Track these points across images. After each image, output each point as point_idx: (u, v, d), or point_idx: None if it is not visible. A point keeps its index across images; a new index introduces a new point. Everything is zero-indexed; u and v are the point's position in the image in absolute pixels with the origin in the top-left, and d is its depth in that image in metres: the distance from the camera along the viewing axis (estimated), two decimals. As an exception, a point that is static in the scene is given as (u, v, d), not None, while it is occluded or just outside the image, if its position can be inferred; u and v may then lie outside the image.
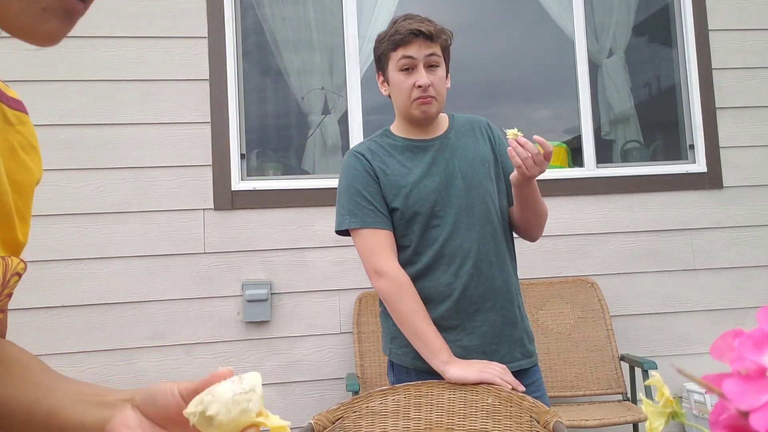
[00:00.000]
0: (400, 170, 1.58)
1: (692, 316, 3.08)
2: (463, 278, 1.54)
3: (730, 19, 3.23)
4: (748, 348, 0.36)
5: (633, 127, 3.38)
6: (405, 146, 1.62)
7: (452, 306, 1.55)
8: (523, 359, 1.60)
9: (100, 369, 2.70)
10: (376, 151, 1.61)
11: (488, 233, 1.58)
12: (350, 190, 1.58)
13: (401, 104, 1.59)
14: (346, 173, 1.61)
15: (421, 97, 1.54)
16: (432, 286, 1.56)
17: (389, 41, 1.55)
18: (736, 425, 0.35)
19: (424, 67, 1.54)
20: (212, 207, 2.83)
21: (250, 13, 3.09)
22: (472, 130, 1.66)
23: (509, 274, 1.62)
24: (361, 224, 1.56)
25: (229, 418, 0.53)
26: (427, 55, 1.54)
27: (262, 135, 3.11)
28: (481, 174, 1.60)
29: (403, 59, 1.54)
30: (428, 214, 1.56)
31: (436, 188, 1.56)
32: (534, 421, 1.33)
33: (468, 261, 1.55)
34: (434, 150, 1.61)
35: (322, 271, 2.89)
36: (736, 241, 3.14)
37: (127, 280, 2.75)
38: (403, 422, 1.42)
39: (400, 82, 1.56)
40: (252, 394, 0.55)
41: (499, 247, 1.60)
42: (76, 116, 2.78)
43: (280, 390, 2.81)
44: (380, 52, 1.60)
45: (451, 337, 1.54)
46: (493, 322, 1.56)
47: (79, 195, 2.75)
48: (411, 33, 1.52)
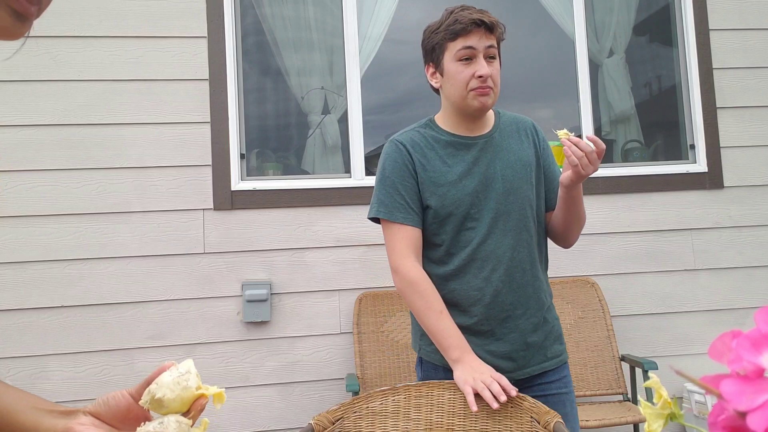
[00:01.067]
0: (440, 167, 1.56)
1: (693, 316, 3.08)
2: (494, 284, 1.53)
3: (731, 19, 3.23)
4: (746, 349, 0.36)
5: (633, 126, 3.38)
6: (448, 141, 1.59)
7: (483, 311, 1.53)
8: (548, 361, 1.58)
9: (100, 369, 2.70)
10: (419, 142, 1.59)
11: (523, 240, 1.56)
12: (385, 181, 1.57)
13: (457, 95, 1.55)
14: (385, 162, 1.59)
15: (480, 87, 1.51)
16: (462, 289, 1.55)
17: (447, 31, 1.52)
18: (734, 426, 0.35)
19: (484, 58, 1.52)
20: (212, 207, 2.83)
21: (249, 13, 3.09)
22: (517, 131, 1.63)
23: (541, 282, 1.60)
24: (388, 217, 1.55)
25: (175, 395, 0.67)
26: (487, 47, 1.52)
27: (261, 135, 3.10)
28: (521, 178, 1.57)
29: (463, 50, 1.51)
30: (463, 216, 1.54)
31: (475, 190, 1.54)
32: (534, 422, 1.33)
33: (500, 267, 1.53)
34: (477, 149, 1.58)
35: (322, 271, 2.88)
36: (737, 241, 3.13)
37: (127, 280, 2.75)
38: (403, 423, 1.42)
39: (458, 72, 1.52)
40: (188, 375, 0.68)
41: (532, 255, 1.58)
42: (76, 116, 2.78)
43: (280, 390, 2.81)
44: (434, 42, 1.56)
45: (479, 342, 1.53)
46: (522, 329, 1.55)
47: (79, 195, 2.75)
48: (473, 23, 1.49)
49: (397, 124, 3.28)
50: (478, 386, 1.37)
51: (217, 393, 0.70)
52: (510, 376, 1.53)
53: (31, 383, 2.64)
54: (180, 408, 0.68)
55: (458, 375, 1.43)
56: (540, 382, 1.58)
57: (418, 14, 3.22)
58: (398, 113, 3.24)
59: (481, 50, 1.51)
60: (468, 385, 1.39)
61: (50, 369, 2.67)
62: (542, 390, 1.58)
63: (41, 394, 2.45)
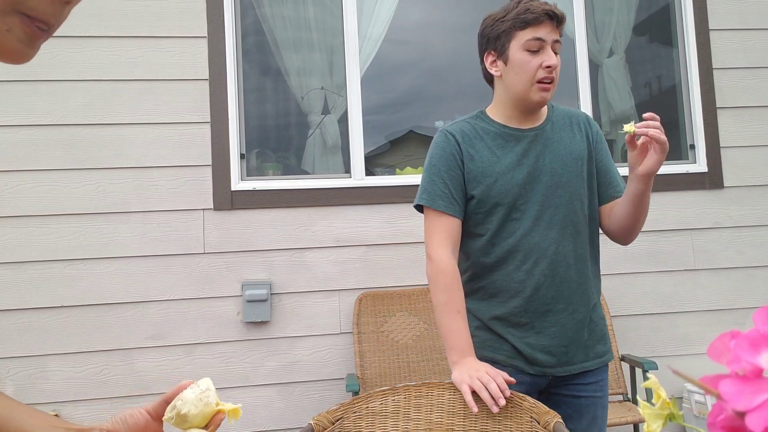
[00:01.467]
0: (489, 158, 1.55)
1: (693, 316, 3.08)
2: (536, 277, 1.52)
3: (731, 19, 3.23)
4: (745, 349, 0.35)
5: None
6: (498, 133, 1.58)
7: (522, 303, 1.52)
8: (589, 361, 1.57)
9: (100, 369, 2.70)
10: (468, 133, 1.58)
11: (569, 234, 1.55)
12: (432, 170, 1.57)
13: (521, 85, 1.52)
14: (434, 151, 1.59)
15: (545, 79, 1.50)
16: (503, 280, 1.54)
17: (517, 19, 1.50)
18: (733, 426, 0.35)
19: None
20: (212, 207, 2.83)
21: (249, 13, 3.08)
22: (570, 125, 1.62)
23: (587, 277, 1.58)
24: (431, 204, 1.55)
25: (198, 411, 0.73)
26: (554, 41, 1.51)
27: (261, 135, 3.10)
28: (571, 172, 1.56)
29: (533, 40, 1.49)
30: (509, 207, 1.53)
31: (522, 181, 1.53)
32: (534, 422, 1.33)
33: (543, 260, 1.52)
34: (527, 141, 1.57)
35: (322, 271, 2.88)
36: (737, 241, 3.13)
37: (127, 280, 2.75)
38: (403, 423, 1.42)
39: (525, 61, 1.50)
40: (209, 392, 0.75)
41: (579, 249, 1.56)
42: (76, 116, 2.78)
43: (279, 390, 2.80)
44: (501, 29, 1.53)
45: (519, 334, 1.53)
46: (564, 324, 1.53)
47: (78, 195, 2.75)
48: (546, 14, 1.49)
49: (397, 124, 3.28)
50: (475, 384, 1.36)
51: (233, 409, 0.77)
52: (550, 371, 1.53)
53: (30, 383, 2.64)
54: (201, 423, 0.74)
55: (455, 376, 1.43)
56: (578, 382, 1.57)
57: (418, 14, 3.22)
58: (398, 113, 3.25)
59: (549, 43, 1.51)
60: (465, 383, 1.38)
61: (50, 369, 2.67)
62: (577, 391, 1.57)
63: (41, 395, 2.45)
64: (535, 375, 1.54)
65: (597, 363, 1.58)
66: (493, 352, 1.55)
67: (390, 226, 2.94)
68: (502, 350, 1.55)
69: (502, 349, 1.55)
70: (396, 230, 2.94)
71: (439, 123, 3.27)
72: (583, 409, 1.57)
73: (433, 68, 3.25)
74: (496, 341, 1.56)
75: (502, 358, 1.54)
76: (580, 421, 1.57)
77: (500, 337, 1.55)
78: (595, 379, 1.58)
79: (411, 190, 3.05)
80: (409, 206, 3.02)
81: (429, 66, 3.25)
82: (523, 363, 1.54)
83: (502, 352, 1.55)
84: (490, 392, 1.35)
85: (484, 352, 1.54)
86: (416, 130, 3.32)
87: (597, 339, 1.59)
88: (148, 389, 2.71)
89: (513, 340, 1.53)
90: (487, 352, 1.55)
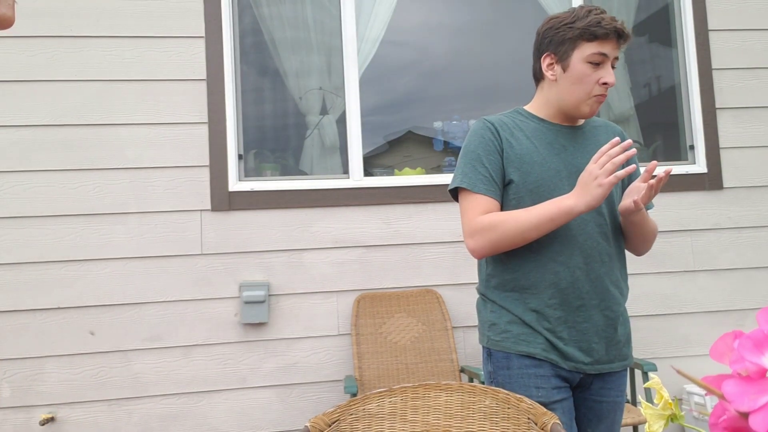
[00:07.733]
0: (528, 146, 1.56)
1: (692, 317, 3.07)
2: (572, 270, 1.52)
3: (730, 19, 3.23)
4: (748, 349, 0.35)
5: (633, 127, 3.38)
6: (537, 126, 1.60)
7: (557, 294, 1.52)
8: (616, 362, 1.58)
9: (97, 371, 2.69)
10: (508, 123, 1.60)
11: (603, 232, 1.56)
12: (470, 155, 1.57)
13: (575, 96, 1.55)
14: (472, 138, 1.60)
15: (601, 95, 1.54)
16: (539, 271, 1.53)
17: (587, 30, 1.51)
18: (736, 427, 0.35)
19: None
20: (209, 208, 2.82)
21: (247, 13, 3.08)
22: (605, 132, 1.67)
23: (618, 278, 1.59)
24: (471, 188, 1.54)
25: None
26: (615, 57, 1.54)
27: (259, 135, 3.10)
28: None
29: (597, 54, 1.51)
30: (546, 196, 1.53)
31: (559, 173, 1.55)
32: (531, 423, 1.32)
33: (580, 254, 1.53)
34: (564, 137, 1.60)
35: (320, 273, 2.87)
36: (737, 243, 3.13)
37: (124, 281, 2.74)
38: (400, 425, 1.41)
39: (585, 74, 1.52)
40: None
41: (610, 249, 1.58)
42: (73, 116, 2.77)
43: (277, 392, 2.79)
44: (567, 36, 1.54)
45: (550, 326, 1.53)
46: (596, 320, 1.53)
47: (75, 196, 2.74)
48: (615, 31, 1.50)
49: (396, 125, 3.27)
50: (607, 182, 1.37)
51: None
52: (583, 368, 1.53)
53: (27, 385, 2.63)
54: None
55: (587, 200, 1.41)
56: (601, 386, 1.57)
57: (417, 16, 3.21)
58: (396, 114, 3.24)
59: (611, 59, 1.53)
60: (603, 187, 1.38)
61: (47, 371, 2.66)
62: (600, 396, 1.58)
63: (37, 397, 2.45)
64: (569, 371, 1.54)
65: (620, 366, 1.59)
66: (527, 347, 1.53)
67: (388, 227, 2.93)
68: (537, 344, 1.53)
69: (536, 343, 1.53)
70: (394, 231, 2.93)
71: (438, 124, 3.26)
72: (604, 413, 1.59)
73: (432, 69, 3.25)
74: (530, 335, 1.54)
75: (538, 351, 1.53)
76: (598, 426, 1.58)
77: (534, 330, 1.54)
78: (617, 383, 1.59)
79: (410, 191, 3.05)
80: (408, 206, 3.03)
81: (427, 67, 3.25)
82: (558, 357, 1.53)
83: (536, 346, 1.53)
84: (616, 166, 1.38)
85: (519, 347, 1.53)
86: (415, 130, 3.31)
87: (625, 340, 1.61)
88: (146, 391, 2.70)
89: (545, 335, 1.52)
90: (522, 347, 1.53)
